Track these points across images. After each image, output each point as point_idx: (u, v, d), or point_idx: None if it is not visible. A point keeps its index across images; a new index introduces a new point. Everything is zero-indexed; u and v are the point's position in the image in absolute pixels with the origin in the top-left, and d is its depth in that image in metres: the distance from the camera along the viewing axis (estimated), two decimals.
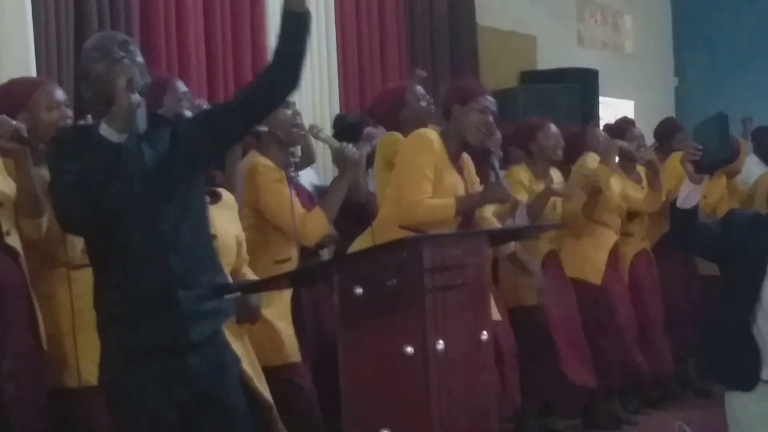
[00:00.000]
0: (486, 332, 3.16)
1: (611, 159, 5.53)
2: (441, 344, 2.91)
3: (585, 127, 5.92)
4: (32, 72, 4.27)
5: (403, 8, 7.01)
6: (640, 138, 6.05)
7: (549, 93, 7.63)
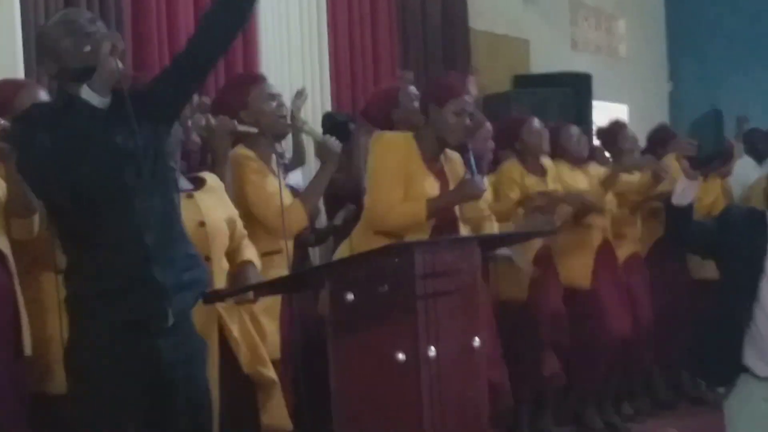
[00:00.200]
0: (478, 338, 3.14)
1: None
2: (433, 351, 2.90)
3: (559, 125, 5.85)
4: (20, 74, 4.24)
5: (396, 11, 6.96)
6: (633, 140, 6.03)
7: (542, 97, 7.59)
